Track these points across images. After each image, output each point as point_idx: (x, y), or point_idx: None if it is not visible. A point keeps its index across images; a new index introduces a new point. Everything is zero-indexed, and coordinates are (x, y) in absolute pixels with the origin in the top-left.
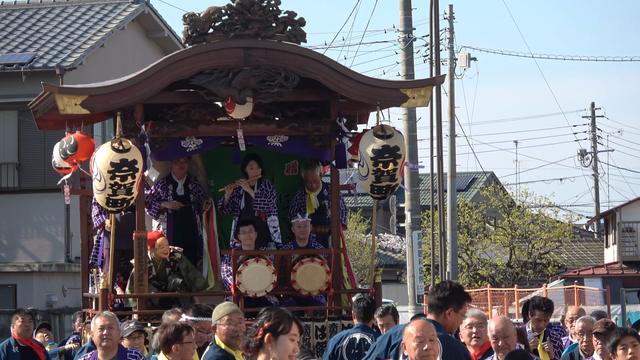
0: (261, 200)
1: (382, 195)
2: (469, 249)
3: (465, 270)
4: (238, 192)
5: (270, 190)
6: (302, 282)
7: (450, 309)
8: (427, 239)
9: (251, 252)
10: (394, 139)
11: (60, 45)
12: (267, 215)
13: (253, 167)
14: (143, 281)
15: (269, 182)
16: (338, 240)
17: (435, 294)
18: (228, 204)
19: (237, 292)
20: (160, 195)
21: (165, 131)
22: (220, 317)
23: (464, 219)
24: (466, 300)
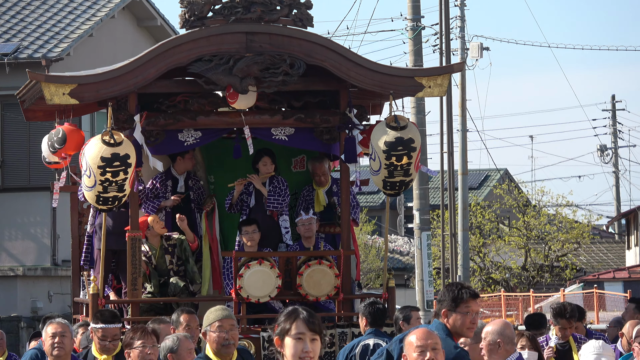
0: (275, 199)
1: (396, 192)
2: (481, 251)
3: (478, 274)
4: (247, 189)
5: (284, 187)
6: (309, 286)
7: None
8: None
9: (253, 253)
10: (408, 130)
11: (46, 34)
12: (279, 214)
13: (267, 164)
14: (137, 285)
15: (282, 179)
16: (348, 241)
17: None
18: (237, 202)
19: (239, 297)
20: (159, 192)
21: (161, 123)
22: (210, 322)
23: (476, 219)
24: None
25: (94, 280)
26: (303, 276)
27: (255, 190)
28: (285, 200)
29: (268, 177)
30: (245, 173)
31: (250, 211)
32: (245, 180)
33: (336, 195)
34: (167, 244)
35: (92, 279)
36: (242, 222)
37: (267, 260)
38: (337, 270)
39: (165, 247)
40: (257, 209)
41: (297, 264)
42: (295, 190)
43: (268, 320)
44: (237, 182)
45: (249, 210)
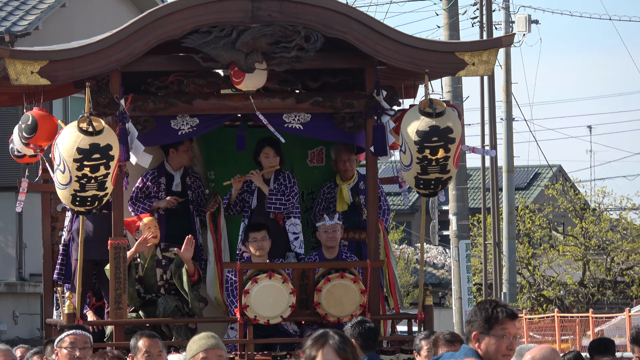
0: (277, 199)
1: (431, 191)
2: (530, 263)
3: (527, 291)
4: (249, 187)
5: (290, 185)
6: (329, 304)
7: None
8: (478, 251)
9: (262, 265)
10: (445, 117)
11: (10, 5)
12: (285, 217)
13: (269, 155)
14: (121, 303)
15: (289, 175)
16: (376, 249)
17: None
18: (236, 201)
19: (244, 317)
20: (150, 191)
21: (150, 107)
22: (193, 354)
23: (524, 225)
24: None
25: (69, 298)
26: (322, 292)
27: (258, 189)
28: (290, 201)
29: (273, 173)
30: (251, 168)
31: (252, 213)
32: (243, 177)
33: (363, 193)
34: (162, 254)
35: (67, 296)
36: (250, 226)
37: (279, 273)
38: (363, 285)
39: (158, 259)
40: (259, 210)
41: (314, 278)
42: (312, 188)
43: (280, 346)
44: (234, 180)
45: (250, 212)
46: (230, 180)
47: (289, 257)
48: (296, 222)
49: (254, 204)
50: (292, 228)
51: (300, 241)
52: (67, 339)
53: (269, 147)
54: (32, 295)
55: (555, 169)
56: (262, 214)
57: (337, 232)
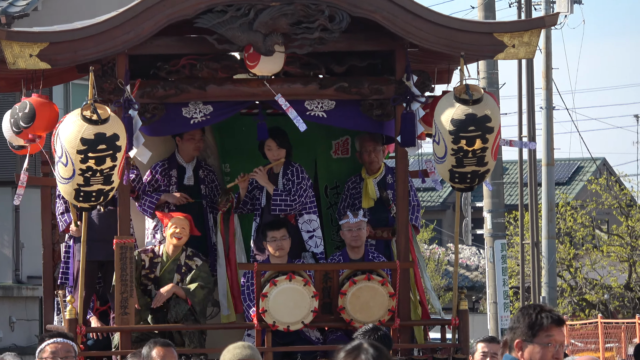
0: (282, 200)
1: (467, 186)
2: (572, 264)
3: (568, 295)
4: (258, 184)
5: (298, 181)
6: (355, 309)
7: (518, 340)
8: (515, 252)
9: (282, 266)
10: (483, 104)
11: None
12: (297, 215)
13: (272, 148)
14: (128, 308)
15: (299, 168)
16: (406, 248)
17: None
18: (246, 199)
19: (262, 323)
20: (160, 185)
21: (159, 94)
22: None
23: (565, 224)
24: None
25: (71, 302)
26: (347, 296)
27: None
28: (297, 200)
29: (281, 166)
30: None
31: (263, 212)
32: (248, 175)
33: (391, 188)
34: (184, 261)
35: (68, 300)
36: (268, 225)
37: (300, 275)
38: (392, 289)
39: (179, 264)
40: (269, 209)
41: (338, 280)
42: (336, 182)
43: (301, 354)
44: (238, 180)
45: (261, 211)
46: (235, 180)
47: (305, 258)
48: (311, 218)
49: (264, 202)
50: (306, 226)
51: (316, 239)
52: (47, 348)
53: (270, 140)
54: (30, 299)
55: (599, 162)
56: (271, 214)
57: (362, 231)
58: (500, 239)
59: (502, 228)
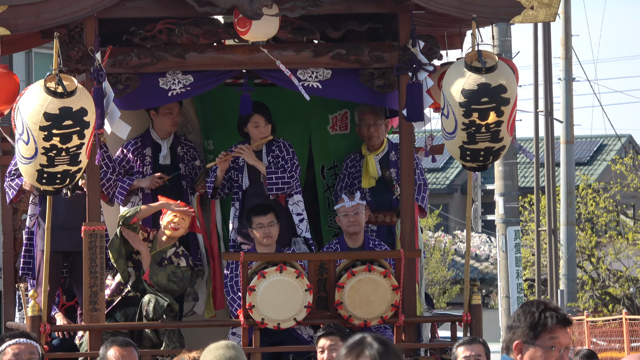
0: (278, 177)
1: (480, 165)
2: (593, 254)
3: (589, 288)
4: (236, 163)
5: (290, 157)
6: (354, 304)
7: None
8: (529, 240)
9: (272, 256)
10: (497, 73)
11: None
12: (287, 196)
13: (259, 125)
14: (98, 304)
15: (285, 143)
16: (412, 235)
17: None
18: (223, 183)
19: (249, 321)
20: (132, 166)
21: (133, 63)
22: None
23: (586, 208)
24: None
25: (34, 297)
26: (345, 289)
27: (248, 165)
28: (294, 177)
29: (264, 145)
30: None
31: (245, 195)
32: (230, 154)
33: (394, 166)
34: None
35: (31, 295)
36: (254, 210)
37: (292, 265)
38: (396, 281)
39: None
40: (254, 192)
41: (335, 272)
42: (334, 162)
43: (292, 355)
44: (219, 159)
45: (241, 195)
46: (215, 160)
47: (296, 244)
48: (298, 199)
49: (245, 184)
50: (295, 208)
51: (306, 223)
52: (9, 350)
53: (258, 115)
54: None
55: (624, 139)
56: (257, 196)
57: (360, 215)
58: (513, 226)
59: (516, 213)
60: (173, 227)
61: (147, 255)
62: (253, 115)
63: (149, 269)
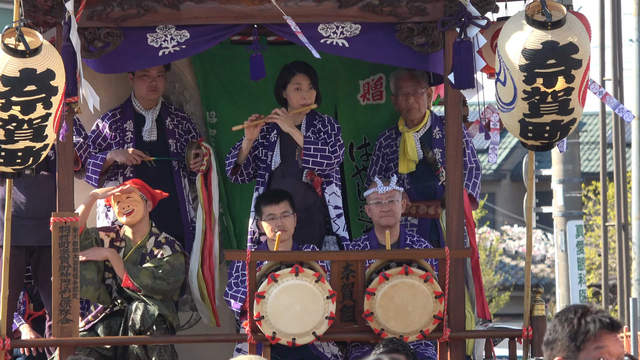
0: (318, 149)
1: (544, 143)
2: None
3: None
4: (267, 138)
5: (335, 133)
6: (388, 315)
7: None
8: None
9: (284, 255)
10: (566, 29)
11: None
12: (325, 183)
13: (302, 88)
14: (71, 312)
15: (330, 119)
16: (460, 230)
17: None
18: (247, 160)
19: (257, 335)
20: (110, 144)
21: (115, 15)
22: None
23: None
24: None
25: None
26: (376, 297)
27: (281, 138)
28: (337, 155)
29: (304, 116)
30: (274, 107)
31: (272, 177)
32: (261, 119)
33: (439, 146)
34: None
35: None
36: (264, 197)
37: (311, 267)
38: (440, 287)
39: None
40: (283, 172)
41: (364, 275)
42: (366, 139)
43: None
44: (247, 123)
45: (268, 176)
46: (243, 123)
47: (327, 244)
48: (336, 191)
49: (275, 163)
50: (334, 199)
51: (344, 220)
52: None
53: (302, 75)
54: None
55: None
56: (289, 177)
57: (396, 204)
58: (575, 220)
59: (578, 205)
60: (127, 213)
61: (115, 258)
62: (296, 76)
63: (125, 273)
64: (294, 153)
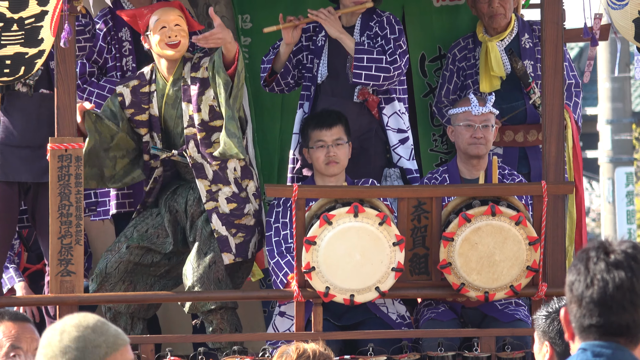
0: (372, 59)
1: None
2: None
3: None
4: (314, 43)
5: (395, 36)
6: (469, 266)
7: None
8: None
9: (342, 191)
10: None
11: None
12: (382, 101)
13: None
14: (72, 263)
15: (392, 18)
16: (559, 160)
17: None
18: (286, 68)
19: (306, 292)
20: (106, 58)
21: None
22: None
23: None
24: None
25: None
26: (455, 243)
27: (330, 44)
28: (398, 65)
29: (359, 16)
30: (320, 6)
31: (319, 92)
32: (304, 19)
33: (530, 57)
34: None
35: None
36: (312, 118)
37: (373, 206)
38: (535, 231)
39: (187, 84)
40: (332, 88)
41: (440, 216)
42: (439, 48)
43: (374, 345)
44: (284, 24)
45: (314, 90)
46: (278, 25)
47: (389, 178)
48: (402, 109)
49: (322, 74)
50: (396, 121)
51: (411, 146)
52: None
53: None
54: None
55: None
56: (339, 96)
57: (490, 130)
58: (624, 166)
59: (629, 149)
60: (172, 44)
61: None
62: None
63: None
64: (345, 64)
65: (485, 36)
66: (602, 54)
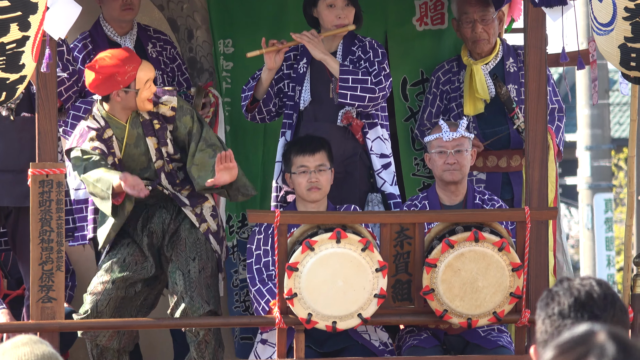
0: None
1: None
2: None
3: None
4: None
5: (379, 59)
6: (452, 292)
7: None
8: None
9: (324, 216)
10: None
11: None
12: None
13: (336, 4)
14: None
15: (373, 42)
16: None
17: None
18: (268, 94)
19: (289, 318)
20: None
21: None
22: None
23: None
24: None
25: None
26: (438, 269)
27: (312, 69)
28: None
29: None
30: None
31: (301, 119)
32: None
33: (514, 82)
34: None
35: None
36: (295, 143)
37: (356, 232)
38: (518, 257)
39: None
40: (314, 113)
41: (423, 242)
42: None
43: None
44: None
45: (296, 118)
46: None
47: (371, 203)
48: (383, 134)
49: (304, 100)
50: (379, 146)
51: (393, 172)
52: None
53: None
54: None
55: None
56: (322, 121)
57: (465, 155)
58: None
59: (608, 175)
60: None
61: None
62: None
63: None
64: (328, 89)
65: (470, 59)
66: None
